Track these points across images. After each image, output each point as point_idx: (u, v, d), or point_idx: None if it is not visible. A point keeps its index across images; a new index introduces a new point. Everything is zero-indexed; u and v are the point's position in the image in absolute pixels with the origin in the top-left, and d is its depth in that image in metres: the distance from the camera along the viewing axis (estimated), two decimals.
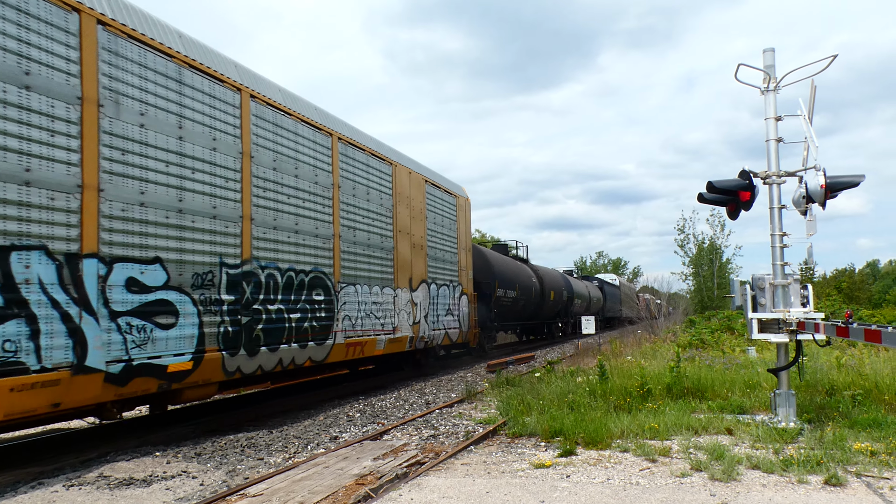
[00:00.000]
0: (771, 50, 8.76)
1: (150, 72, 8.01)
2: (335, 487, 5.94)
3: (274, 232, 10.12)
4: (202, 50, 9.06)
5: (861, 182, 8.14)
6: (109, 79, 7.43)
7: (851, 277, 63.90)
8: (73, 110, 6.95)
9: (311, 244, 11.08)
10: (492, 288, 20.86)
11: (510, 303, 23.06)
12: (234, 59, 9.79)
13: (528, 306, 25.83)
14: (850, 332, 6.31)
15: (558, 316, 32.66)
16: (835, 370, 10.75)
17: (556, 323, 33.39)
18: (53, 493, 6.19)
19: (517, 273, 24.37)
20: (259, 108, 9.94)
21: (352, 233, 12.52)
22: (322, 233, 11.44)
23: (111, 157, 7.37)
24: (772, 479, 5.94)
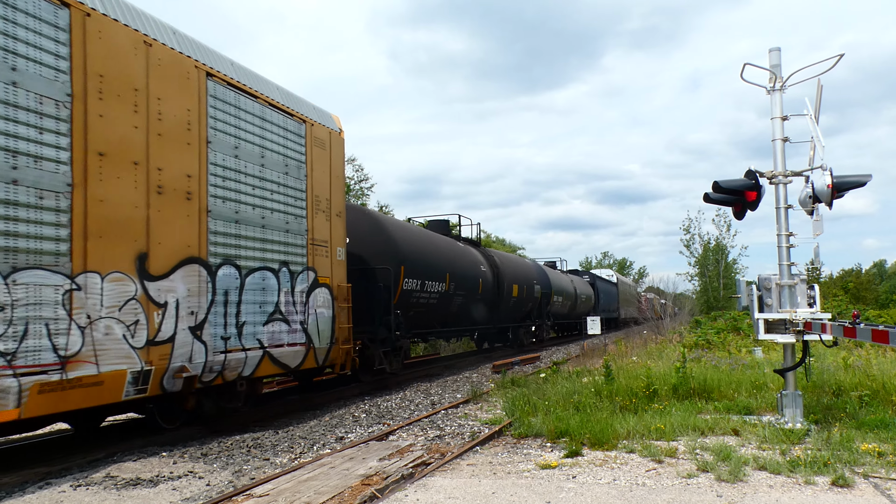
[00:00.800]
0: (777, 49, 8.74)
1: None
2: (341, 488, 5.94)
3: None
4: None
5: (868, 182, 8.11)
6: None
7: (858, 278, 63.65)
8: None
9: None
10: (392, 278, 13.99)
11: (435, 301, 16.34)
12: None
13: (473, 305, 19.20)
14: (857, 333, 6.28)
15: (529, 318, 25.95)
16: (842, 371, 10.70)
17: (526, 327, 26.23)
18: (61, 493, 6.22)
19: (451, 258, 17.47)
20: None
21: None
22: None
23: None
24: (779, 480, 5.92)
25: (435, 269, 16.19)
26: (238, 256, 9.35)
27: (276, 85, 10.77)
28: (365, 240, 14.14)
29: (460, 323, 19.26)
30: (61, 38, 7.04)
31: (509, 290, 21.97)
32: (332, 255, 11.75)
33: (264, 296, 9.78)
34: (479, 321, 20.38)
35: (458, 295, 17.71)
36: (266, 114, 10.15)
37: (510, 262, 23.46)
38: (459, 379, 15.66)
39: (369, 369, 13.65)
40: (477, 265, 19.54)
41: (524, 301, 23.92)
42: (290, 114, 10.79)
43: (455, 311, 18.16)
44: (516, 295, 22.78)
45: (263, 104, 10.13)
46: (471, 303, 18.94)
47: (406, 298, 14.83)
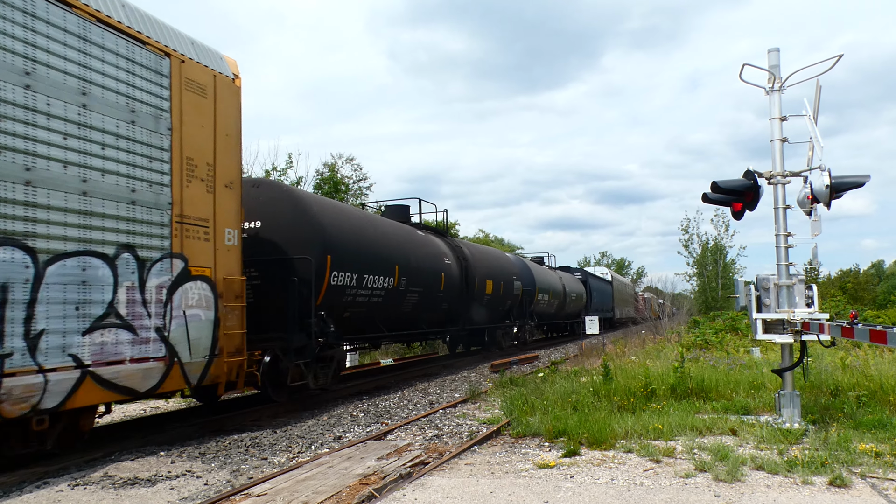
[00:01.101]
0: (776, 50, 8.74)
1: None
2: (339, 487, 5.94)
3: None
4: None
5: (866, 182, 8.11)
6: None
7: (856, 278, 63.65)
8: None
9: None
10: (314, 270, 11.05)
11: (380, 299, 13.46)
12: None
13: (434, 304, 16.32)
14: (855, 333, 6.29)
15: (508, 317, 23.06)
16: (839, 371, 10.72)
17: (506, 328, 23.35)
18: (59, 492, 6.21)
19: (403, 248, 14.63)
20: None
21: None
22: None
23: None
24: (776, 479, 5.93)
25: (379, 260, 13.17)
26: (30, 235, 6.47)
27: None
28: (283, 223, 11.26)
29: (417, 324, 16.02)
30: None
31: (482, 287, 19.35)
32: (215, 239, 8.81)
33: (85, 293, 6.97)
34: (442, 322, 17.63)
35: (412, 292, 14.74)
36: (92, 33, 7.26)
37: (483, 254, 20.59)
38: (458, 378, 15.66)
39: (283, 386, 10.72)
40: (439, 257, 16.52)
41: (501, 299, 21.26)
42: (140, 41, 7.89)
43: (409, 311, 15.18)
44: (491, 292, 20.00)
45: (87, 18, 7.20)
46: (431, 301, 15.96)
47: (336, 297, 11.80)
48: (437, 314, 17.01)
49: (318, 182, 28.89)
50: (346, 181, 30.29)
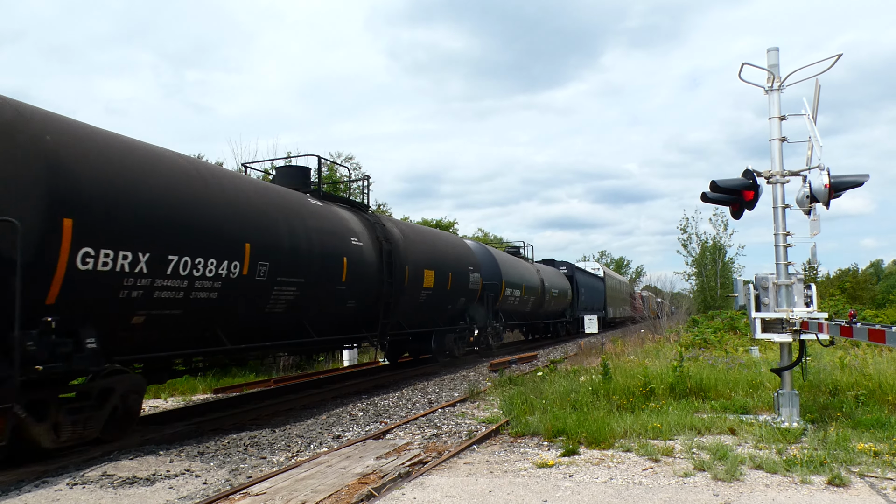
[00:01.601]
0: (775, 49, 8.74)
1: None
2: (338, 486, 5.94)
3: None
4: None
5: (865, 182, 8.12)
6: None
7: (855, 277, 63.76)
8: None
9: None
10: (28, 244, 6.42)
11: (213, 294, 8.88)
12: None
13: (330, 300, 11.77)
14: (853, 332, 6.29)
15: (463, 317, 18.67)
16: (838, 370, 10.72)
17: (460, 331, 18.69)
18: (57, 491, 6.21)
19: (262, 218, 9.89)
20: None
21: None
22: None
23: None
24: (775, 479, 5.93)
25: (206, 234, 8.60)
26: None
27: None
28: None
29: (297, 331, 11.06)
30: None
31: (416, 279, 14.87)
32: None
33: None
34: (349, 326, 12.78)
35: (283, 284, 10.04)
36: None
37: (421, 237, 16.04)
38: (457, 378, 15.66)
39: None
40: (340, 236, 11.93)
41: (450, 295, 16.83)
42: None
43: (281, 311, 10.36)
44: (432, 286, 15.54)
45: None
46: (322, 297, 11.27)
47: (99, 290, 7.25)
48: (337, 316, 12.20)
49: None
50: (344, 179, 30.27)
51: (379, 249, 13.59)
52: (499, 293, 21.53)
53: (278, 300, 10.29)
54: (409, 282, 14.68)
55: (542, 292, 26.94)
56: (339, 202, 13.92)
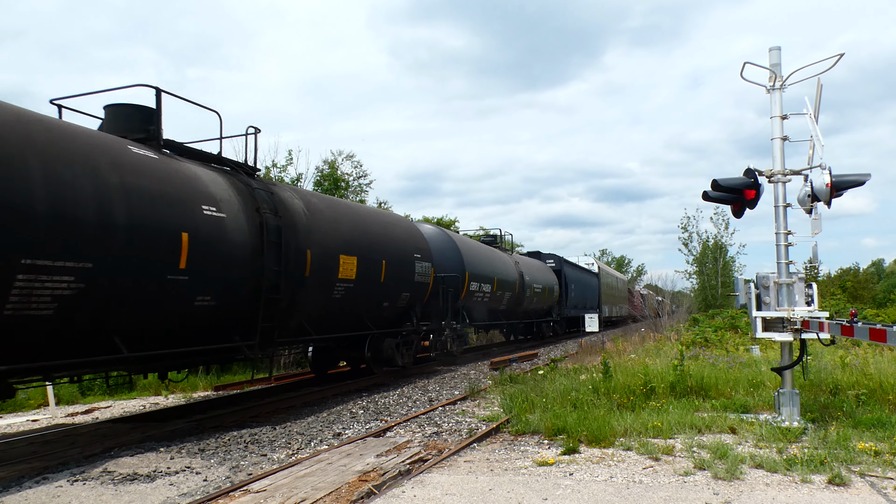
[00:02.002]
0: (777, 48, 8.73)
1: None
2: (338, 484, 5.94)
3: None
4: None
5: (866, 181, 8.10)
6: None
7: (856, 276, 63.71)
8: None
9: None
10: None
11: None
12: None
13: (164, 296, 8.15)
14: (854, 331, 6.28)
15: (409, 316, 15.12)
16: (839, 369, 10.71)
17: (407, 335, 15.11)
18: (58, 487, 6.22)
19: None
20: None
21: None
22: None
23: None
24: (775, 478, 5.93)
25: None
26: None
27: None
28: None
29: (72, 346, 7.48)
30: None
31: (327, 267, 11.37)
32: None
33: None
34: (195, 332, 9.09)
35: (30, 269, 6.46)
36: None
37: (336, 212, 12.34)
38: (457, 376, 15.66)
39: None
40: (178, 203, 8.37)
41: (384, 289, 13.36)
42: None
43: (46, 314, 6.86)
44: (353, 276, 11.97)
45: None
46: (134, 291, 7.79)
47: None
48: (178, 318, 8.64)
49: (318, 179, 28.89)
50: (346, 178, 30.27)
51: (259, 224, 9.67)
52: (461, 288, 17.99)
53: (35, 296, 6.65)
54: (315, 271, 10.94)
55: (521, 287, 23.66)
56: (200, 159, 10.04)
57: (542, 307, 27.75)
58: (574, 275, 33.40)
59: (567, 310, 31.31)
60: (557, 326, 31.86)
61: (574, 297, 32.86)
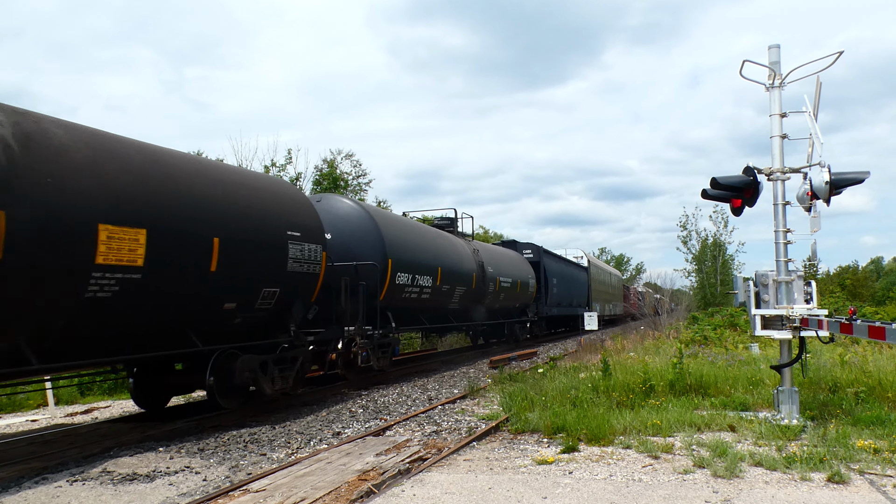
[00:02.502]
0: (776, 46, 8.72)
1: None
2: (338, 483, 5.94)
3: None
4: None
5: (866, 179, 8.10)
6: None
7: (855, 274, 63.79)
8: None
9: None
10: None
11: None
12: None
13: None
14: (853, 329, 6.28)
15: (283, 324, 10.64)
16: (838, 367, 10.72)
17: (274, 355, 10.35)
18: (57, 487, 6.21)
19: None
20: None
21: None
22: None
23: None
24: (775, 476, 5.93)
25: None
26: None
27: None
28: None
29: None
30: None
31: (69, 245, 6.83)
32: None
33: None
34: None
35: None
36: None
37: (120, 154, 7.80)
38: (457, 374, 15.66)
39: None
40: None
41: (218, 283, 8.94)
42: None
43: None
44: (139, 262, 7.57)
45: None
46: None
47: None
48: None
49: (318, 178, 28.87)
50: (346, 177, 30.26)
51: None
52: (382, 281, 13.59)
53: None
54: (27, 246, 6.42)
55: (482, 281, 19.04)
56: None
57: (513, 305, 23.28)
58: (557, 268, 29.04)
59: (547, 308, 26.98)
60: (536, 327, 27.08)
61: (557, 294, 28.59)
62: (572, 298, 32.03)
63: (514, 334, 24.88)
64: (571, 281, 32.21)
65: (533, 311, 26.09)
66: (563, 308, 29.94)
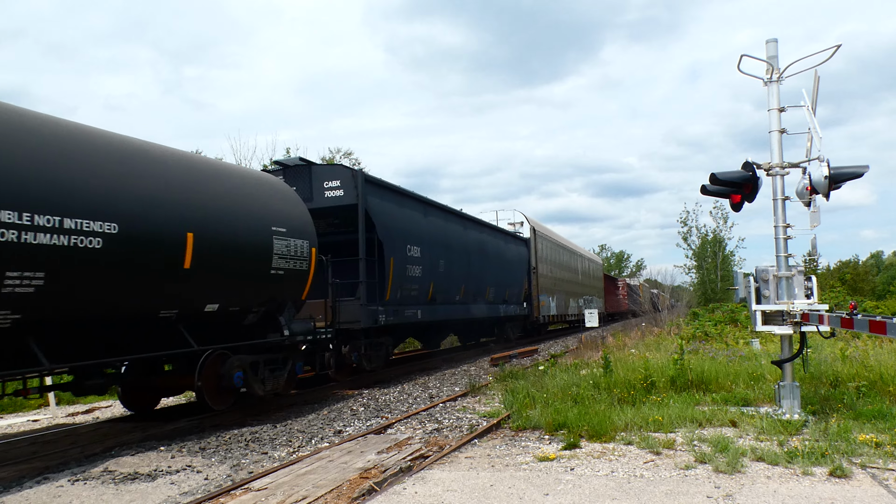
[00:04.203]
0: (774, 41, 8.71)
1: None
2: (339, 481, 5.94)
3: None
4: None
5: (865, 173, 8.08)
6: None
7: (855, 269, 63.74)
8: None
9: None
10: None
11: None
12: None
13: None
14: (854, 324, 6.28)
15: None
16: (839, 362, 10.72)
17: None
18: (59, 487, 6.21)
19: None
20: None
21: None
22: None
23: None
24: (776, 470, 5.93)
25: None
26: None
27: None
28: None
29: None
30: None
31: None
32: None
33: None
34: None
35: None
36: None
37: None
38: (458, 372, 15.67)
39: None
40: None
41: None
42: None
43: None
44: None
45: None
46: None
47: None
48: None
49: None
50: None
51: None
52: None
53: None
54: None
55: None
56: None
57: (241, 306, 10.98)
58: (428, 228, 16.29)
59: (390, 309, 14.25)
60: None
61: (438, 278, 16.40)
62: (486, 287, 19.96)
63: None
64: (487, 259, 19.92)
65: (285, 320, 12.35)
66: (451, 305, 17.54)
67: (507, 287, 22.67)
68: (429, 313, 16.24)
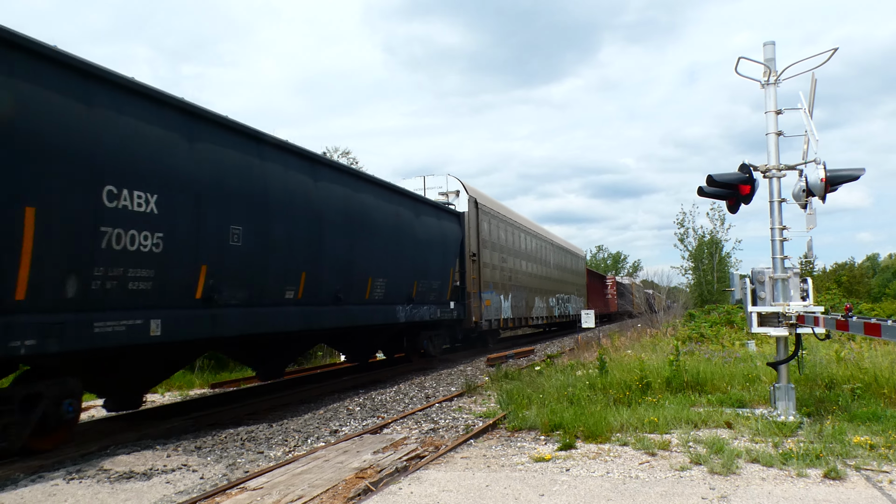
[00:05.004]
0: (771, 43, 8.73)
1: None
2: (335, 481, 5.94)
3: None
4: None
5: (861, 175, 8.12)
6: None
7: (851, 271, 63.84)
8: None
9: None
10: None
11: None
12: None
13: None
14: (849, 326, 6.30)
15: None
16: (834, 364, 10.75)
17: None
18: (54, 486, 6.20)
19: None
20: None
21: None
22: None
23: None
24: (771, 472, 5.95)
25: None
26: None
27: None
28: None
29: None
30: None
31: None
32: None
33: None
34: None
35: None
36: None
37: None
38: (454, 372, 15.67)
39: None
40: None
41: None
42: None
43: None
44: None
45: None
46: None
47: None
48: None
49: None
50: None
51: None
52: None
53: None
54: None
55: None
56: None
57: None
58: (213, 166, 8.62)
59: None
60: None
61: (225, 258, 8.74)
62: (364, 278, 12.72)
63: None
64: (361, 231, 12.46)
65: None
66: (274, 310, 9.97)
67: (417, 279, 15.19)
68: (249, 322, 9.41)
